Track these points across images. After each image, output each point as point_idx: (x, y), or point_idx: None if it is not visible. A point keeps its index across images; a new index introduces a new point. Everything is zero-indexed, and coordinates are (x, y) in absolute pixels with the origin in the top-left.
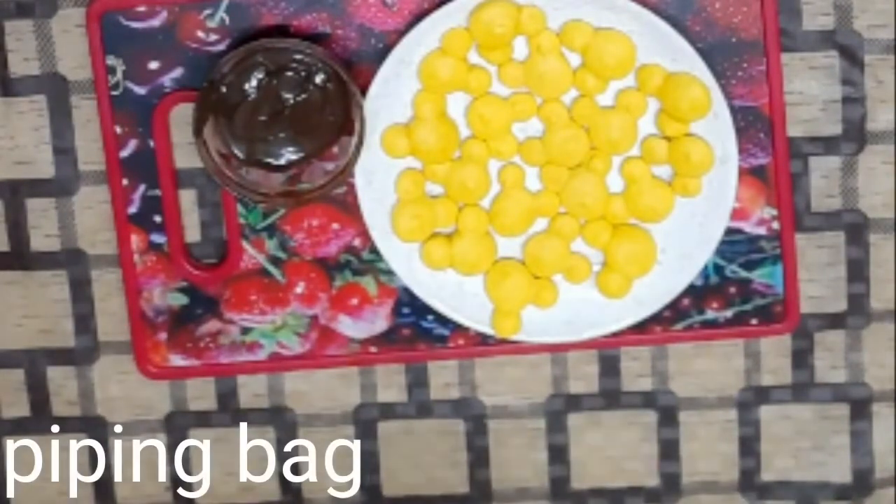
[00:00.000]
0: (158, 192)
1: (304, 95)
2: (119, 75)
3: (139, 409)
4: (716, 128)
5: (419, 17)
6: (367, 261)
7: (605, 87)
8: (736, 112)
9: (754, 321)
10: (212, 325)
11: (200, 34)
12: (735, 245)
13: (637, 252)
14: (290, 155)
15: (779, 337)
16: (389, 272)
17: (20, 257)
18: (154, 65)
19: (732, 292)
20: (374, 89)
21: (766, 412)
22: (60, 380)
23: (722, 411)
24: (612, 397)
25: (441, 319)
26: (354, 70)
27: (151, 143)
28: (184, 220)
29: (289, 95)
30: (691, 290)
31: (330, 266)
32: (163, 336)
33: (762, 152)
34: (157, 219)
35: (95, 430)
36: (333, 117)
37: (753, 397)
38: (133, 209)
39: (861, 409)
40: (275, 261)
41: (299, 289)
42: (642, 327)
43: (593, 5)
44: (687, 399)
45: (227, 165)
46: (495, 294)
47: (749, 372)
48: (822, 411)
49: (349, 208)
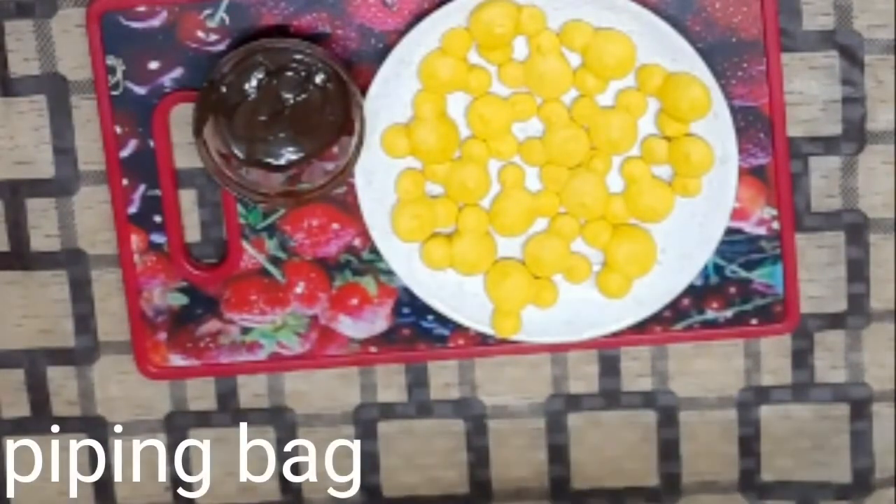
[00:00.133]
0: (158, 192)
1: (304, 95)
2: (119, 75)
3: (139, 409)
4: (716, 128)
5: (419, 17)
6: (367, 261)
7: (605, 87)
8: (736, 112)
9: (754, 321)
10: (212, 325)
11: (200, 34)
12: (735, 245)
13: (637, 252)
14: (290, 155)
15: (779, 337)
16: (389, 272)
17: (20, 257)
18: (154, 65)
19: (732, 292)
20: (374, 89)
21: (766, 412)
22: (60, 380)
23: (722, 411)
24: (612, 397)
25: (441, 319)
26: (354, 70)
27: (151, 143)
28: (184, 220)
29: (289, 95)
30: (691, 290)
31: (330, 266)
32: (163, 336)
33: (762, 152)
34: (157, 219)
35: (95, 430)
36: (333, 117)
37: (753, 397)
38: (133, 209)
39: (861, 409)
40: (275, 261)
41: (299, 289)
42: (642, 327)
43: (593, 5)
44: (687, 399)
45: (227, 165)
46: (495, 294)
47: (749, 372)
48: (822, 411)
49: (349, 208)
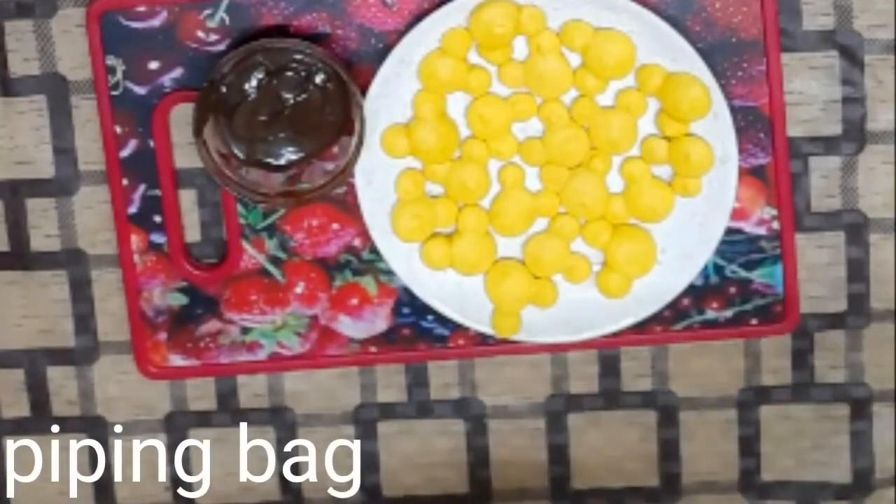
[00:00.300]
0: (158, 192)
1: (304, 95)
2: (119, 75)
3: (139, 409)
4: (716, 128)
5: (419, 17)
6: (367, 261)
7: (605, 87)
8: (736, 112)
9: (754, 321)
10: (212, 325)
11: (200, 34)
12: (735, 245)
13: (637, 252)
14: (290, 155)
15: (779, 337)
16: (389, 272)
17: (20, 257)
18: (154, 65)
19: (732, 292)
20: (374, 89)
21: (766, 412)
22: (60, 380)
23: (722, 411)
24: (612, 397)
25: (441, 319)
26: (354, 70)
27: (151, 143)
28: (184, 220)
29: (289, 95)
30: (691, 290)
31: (330, 266)
32: (163, 336)
33: (762, 152)
34: (157, 219)
35: (95, 430)
36: (333, 117)
37: (753, 397)
38: (133, 209)
39: (861, 409)
40: (275, 261)
41: (299, 289)
42: (642, 327)
43: (593, 5)
44: (687, 399)
45: (227, 165)
46: (495, 294)
47: (749, 372)
48: (822, 411)
49: (349, 208)
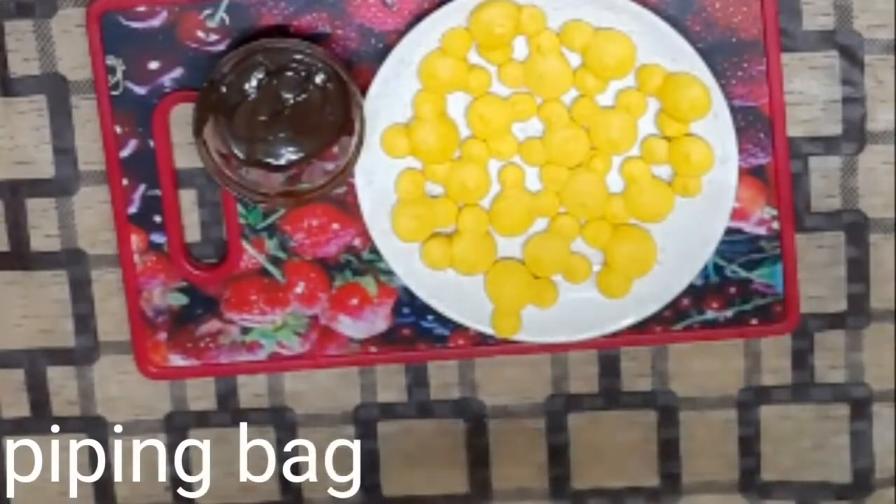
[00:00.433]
0: (158, 192)
1: (304, 95)
2: (119, 75)
3: (139, 409)
4: (716, 128)
5: (419, 17)
6: (367, 261)
7: (605, 87)
8: (736, 112)
9: (754, 321)
10: (212, 325)
11: (200, 34)
12: (735, 245)
13: (637, 252)
14: (290, 155)
15: (779, 337)
16: (389, 272)
17: (20, 257)
18: (154, 65)
19: (732, 292)
20: (374, 89)
21: (766, 412)
22: (60, 380)
23: (722, 411)
24: (612, 397)
25: (441, 319)
26: (354, 70)
27: (151, 143)
28: (184, 220)
29: (289, 95)
30: (691, 290)
31: (330, 266)
32: (163, 336)
33: (762, 152)
34: (157, 219)
35: (95, 430)
36: (333, 117)
37: (753, 397)
38: (133, 209)
39: (861, 409)
40: (275, 261)
41: (299, 289)
42: (642, 327)
43: (593, 5)
44: (687, 399)
45: (227, 165)
46: (495, 294)
47: (749, 372)
48: (822, 411)
49: (349, 208)
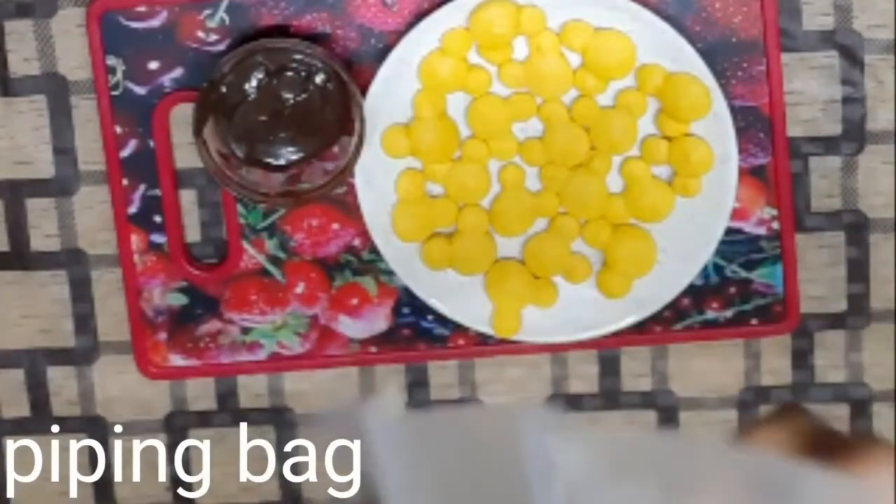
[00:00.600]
0: (158, 192)
1: (304, 95)
2: (119, 75)
3: (139, 409)
4: (716, 128)
5: (419, 17)
6: (367, 261)
7: (605, 87)
8: (736, 112)
9: (754, 321)
10: (212, 325)
11: (200, 34)
12: (735, 245)
13: (637, 252)
14: (290, 155)
15: (779, 337)
16: (389, 272)
17: (20, 257)
18: (154, 65)
19: (732, 292)
20: (374, 89)
21: (767, 412)
22: (60, 380)
23: (722, 411)
24: (612, 397)
25: (441, 319)
26: (354, 70)
27: (151, 143)
28: (184, 220)
29: (289, 95)
30: (691, 290)
31: (330, 266)
32: (163, 336)
33: (762, 152)
34: (157, 219)
35: (95, 430)
36: (333, 117)
37: (753, 397)
38: (133, 209)
39: (861, 409)
40: (275, 261)
41: (299, 289)
42: (642, 327)
43: (593, 5)
44: (687, 399)
45: (227, 165)
46: (495, 294)
47: (749, 372)
48: (822, 411)
49: (349, 208)
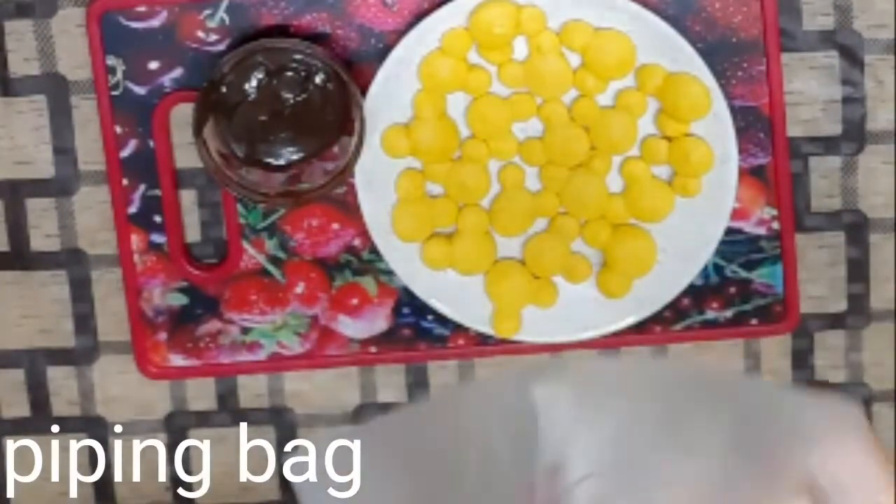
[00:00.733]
0: (158, 192)
1: (304, 95)
2: (119, 75)
3: (139, 409)
4: (716, 128)
5: (419, 17)
6: (367, 261)
7: (605, 87)
8: (736, 112)
9: (754, 321)
10: (212, 325)
11: (200, 34)
12: (735, 245)
13: (637, 252)
14: (290, 155)
15: (779, 337)
16: (389, 272)
17: (20, 257)
18: (154, 65)
19: (732, 292)
20: (374, 89)
21: None
22: (60, 380)
23: None
24: None
25: (441, 319)
26: (354, 70)
27: (151, 143)
28: (184, 220)
29: (289, 95)
30: (691, 290)
31: (330, 266)
32: (163, 336)
33: (762, 152)
34: (157, 219)
35: (95, 430)
36: (333, 117)
37: None
38: (133, 209)
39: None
40: (275, 261)
41: (299, 289)
42: (642, 327)
43: (593, 5)
44: None
45: (227, 165)
46: (495, 294)
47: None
48: None
49: (349, 208)
